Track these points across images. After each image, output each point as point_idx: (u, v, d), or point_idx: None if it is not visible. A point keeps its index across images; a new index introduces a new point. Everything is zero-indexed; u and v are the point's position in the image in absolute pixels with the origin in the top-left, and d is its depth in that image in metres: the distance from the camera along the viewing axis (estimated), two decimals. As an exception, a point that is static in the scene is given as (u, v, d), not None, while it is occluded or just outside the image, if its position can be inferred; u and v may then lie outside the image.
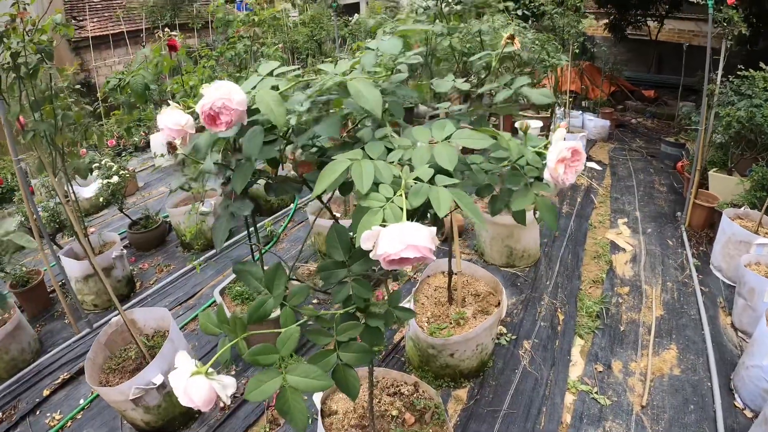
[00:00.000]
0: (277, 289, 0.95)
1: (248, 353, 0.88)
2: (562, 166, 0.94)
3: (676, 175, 6.12)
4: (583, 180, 6.07)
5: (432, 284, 3.32)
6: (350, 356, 0.98)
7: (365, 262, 0.97)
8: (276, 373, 0.86)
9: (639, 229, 4.80)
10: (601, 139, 8.04)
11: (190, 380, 0.84)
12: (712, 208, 4.48)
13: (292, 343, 0.89)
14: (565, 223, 4.86)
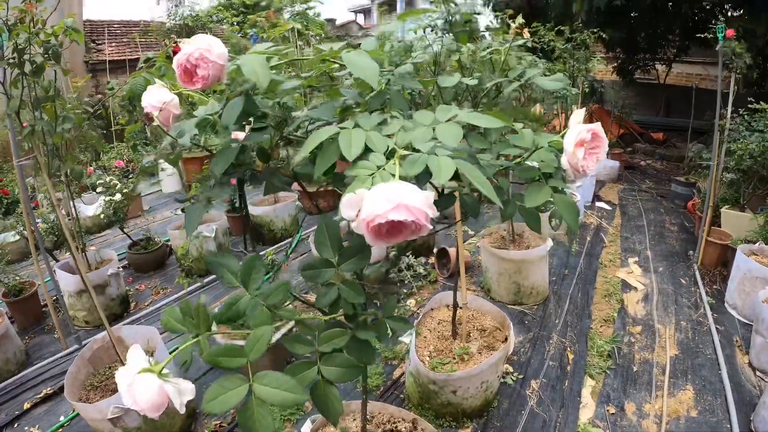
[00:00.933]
0: (253, 284, 0.83)
1: (208, 353, 0.75)
2: (582, 150, 0.84)
3: (687, 214, 6.06)
4: (592, 219, 6.01)
5: (435, 317, 3.18)
6: (333, 371, 0.84)
7: (358, 260, 0.85)
8: (242, 380, 0.73)
9: (650, 268, 4.68)
10: (611, 180, 8.03)
11: (137, 378, 0.72)
12: (726, 246, 4.41)
13: (262, 346, 0.75)
14: (575, 262, 4.74)
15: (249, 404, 0.71)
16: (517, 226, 4.21)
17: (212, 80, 0.83)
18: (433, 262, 4.56)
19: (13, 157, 2.86)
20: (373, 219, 0.63)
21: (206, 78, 0.82)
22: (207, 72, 0.81)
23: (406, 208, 0.63)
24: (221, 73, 0.84)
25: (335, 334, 0.86)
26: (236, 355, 0.76)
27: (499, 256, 3.86)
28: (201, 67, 0.82)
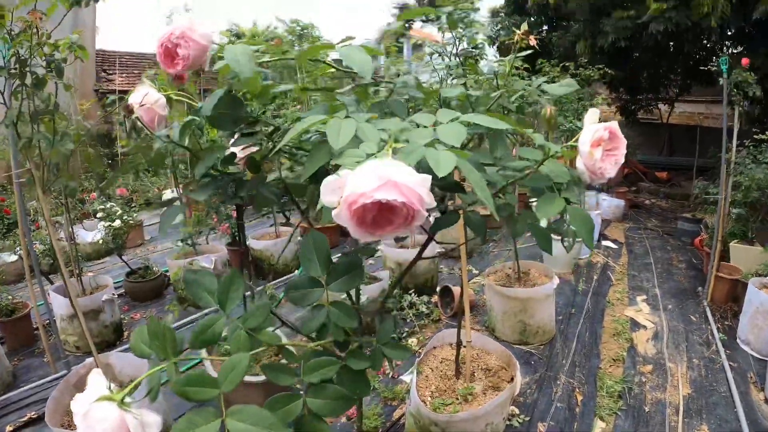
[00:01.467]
0: (231, 304, 0.73)
1: (176, 382, 0.65)
2: (599, 150, 0.75)
3: (695, 251, 6.01)
4: (599, 258, 5.94)
5: (438, 356, 3.05)
6: (321, 404, 0.72)
7: (349, 279, 0.76)
8: (214, 415, 0.63)
9: (659, 305, 4.58)
10: (616, 219, 8.01)
11: (94, 406, 0.62)
12: (736, 281, 4.33)
13: (237, 375, 0.66)
14: (582, 301, 4.64)
15: None
16: (523, 265, 4.13)
17: (193, 62, 0.77)
18: (436, 300, 4.44)
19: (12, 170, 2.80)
20: (356, 199, 0.53)
21: (187, 59, 0.76)
22: (188, 52, 0.76)
23: (397, 186, 0.53)
24: (203, 56, 0.78)
25: (323, 363, 0.76)
26: (207, 385, 0.66)
27: (504, 295, 3.76)
28: (182, 47, 0.76)
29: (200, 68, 0.79)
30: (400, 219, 0.57)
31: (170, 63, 0.78)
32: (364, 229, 0.57)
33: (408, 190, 0.54)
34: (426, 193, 0.55)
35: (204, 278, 0.75)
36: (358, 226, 0.57)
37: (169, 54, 0.77)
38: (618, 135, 0.77)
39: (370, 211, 0.56)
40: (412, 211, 0.56)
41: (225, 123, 0.88)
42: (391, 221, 0.57)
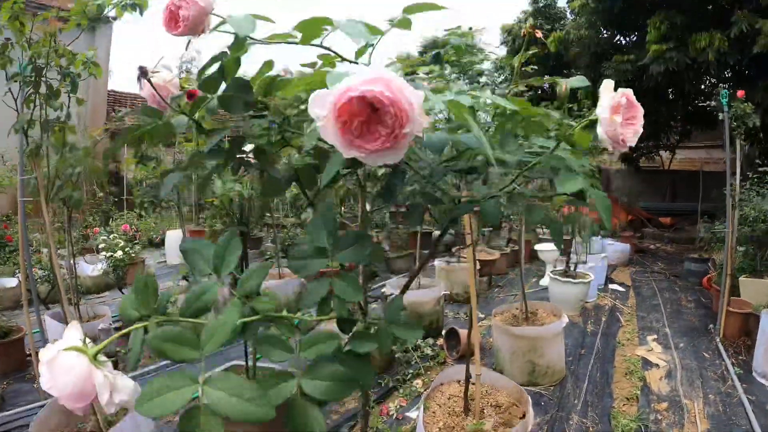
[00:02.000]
0: (226, 269, 0.67)
1: (154, 335, 0.58)
2: (619, 116, 0.73)
3: (703, 291, 5.95)
4: (606, 301, 5.86)
5: (445, 392, 2.91)
6: (318, 385, 0.64)
7: (356, 249, 0.70)
8: (191, 379, 0.56)
9: (670, 344, 4.48)
10: (622, 264, 8.00)
11: (62, 354, 0.57)
12: (748, 314, 4.28)
13: (222, 336, 0.59)
14: (591, 342, 4.52)
15: (195, 413, 0.54)
16: (531, 305, 4.05)
17: (194, 23, 0.77)
18: (441, 343, 4.32)
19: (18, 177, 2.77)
20: (343, 93, 0.49)
21: (187, 19, 0.76)
22: (188, 13, 0.76)
23: (386, 82, 0.49)
24: (204, 18, 0.78)
25: (322, 336, 0.69)
26: (188, 345, 0.59)
27: (512, 334, 3.66)
28: (183, 8, 0.76)
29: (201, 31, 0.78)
30: (387, 128, 0.52)
31: (174, 25, 0.78)
32: (349, 139, 0.53)
33: (398, 89, 0.50)
34: (419, 104, 0.51)
35: (202, 247, 0.70)
36: (343, 133, 0.53)
37: (173, 17, 0.78)
38: (635, 103, 0.75)
39: (357, 114, 0.52)
40: (400, 115, 0.51)
41: (236, 105, 0.85)
42: (376, 129, 0.53)
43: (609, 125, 0.73)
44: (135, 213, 9.28)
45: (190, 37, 0.79)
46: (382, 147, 0.54)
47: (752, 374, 3.74)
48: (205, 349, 0.59)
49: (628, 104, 0.74)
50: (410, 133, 0.53)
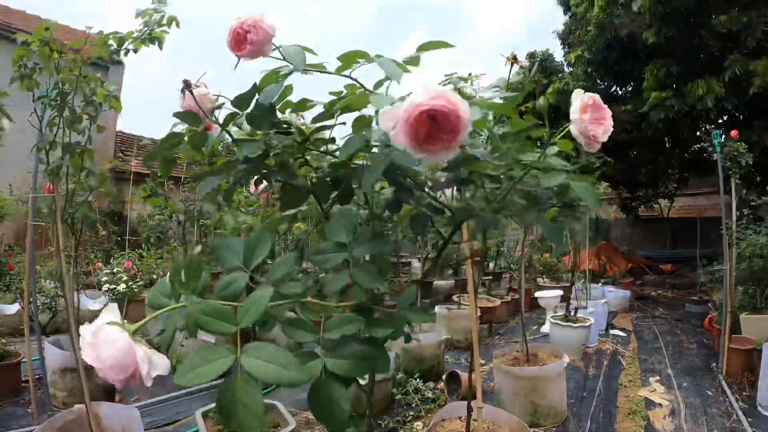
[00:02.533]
0: (255, 260, 0.73)
1: (193, 309, 0.63)
2: (587, 115, 0.84)
3: (705, 332, 5.99)
4: (607, 345, 5.86)
5: (446, 427, 2.90)
6: (341, 364, 0.69)
7: (374, 244, 0.77)
8: (227, 350, 0.61)
9: (673, 384, 4.47)
10: (623, 310, 8.02)
11: (105, 328, 0.61)
12: (750, 350, 4.32)
13: (255, 312, 0.64)
14: (593, 384, 4.50)
15: (233, 380, 0.59)
16: (531, 347, 4.06)
17: (258, 47, 0.87)
18: (441, 387, 4.30)
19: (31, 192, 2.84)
20: (413, 109, 0.60)
21: (254, 44, 0.86)
22: (257, 38, 0.86)
23: (445, 98, 0.61)
24: (267, 44, 0.88)
25: (346, 318, 0.74)
26: (225, 320, 0.64)
27: (513, 374, 3.66)
28: (252, 33, 0.86)
29: (262, 54, 0.88)
30: (447, 133, 0.65)
31: (238, 47, 0.88)
32: (418, 144, 0.65)
33: (454, 103, 0.62)
34: (468, 112, 0.64)
35: (231, 243, 0.76)
36: (414, 140, 0.65)
37: (239, 39, 0.88)
38: (601, 104, 0.86)
39: (423, 124, 0.64)
40: (459, 121, 0.64)
41: (263, 123, 0.95)
42: (440, 137, 0.65)
43: (579, 123, 0.84)
44: (136, 253, 9.33)
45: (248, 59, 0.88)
46: (442, 148, 0.67)
47: (757, 408, 3.75)
48: (242, 323, 0.64)
49: (595, 105, 0.84)
50: (463, 135, 0.66)
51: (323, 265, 0.76)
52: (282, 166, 0.97)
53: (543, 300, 6.62)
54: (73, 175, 2.80)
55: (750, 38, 6.77)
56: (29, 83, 2.71)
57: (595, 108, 0.85)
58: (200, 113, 0.89)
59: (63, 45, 2.59)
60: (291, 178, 0.96)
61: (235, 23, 0.87)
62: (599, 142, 0.86)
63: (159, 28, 2.53)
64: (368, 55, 0.92)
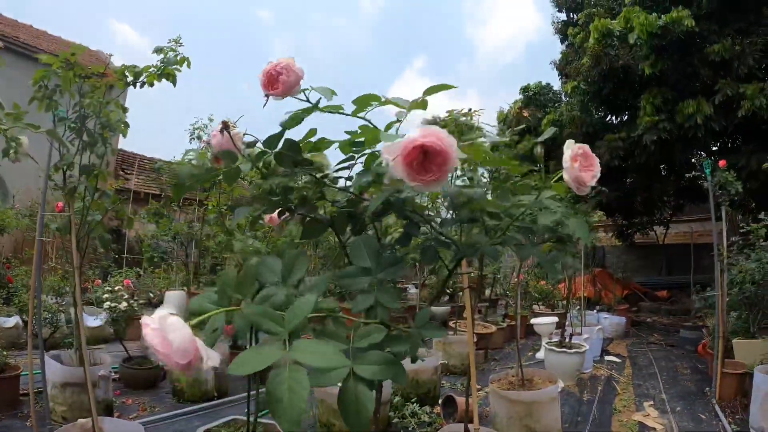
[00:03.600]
0: (293, 277, 0.84)
1: (248, 308, 0.73)
2: (578, 163, 0.94)
3: (699, 358, 6.07)
4: (602, 371, 5.91)
5: (444, 451, 2.96)
6: (369, 369, 0.77)
7: (395, 269, 0.87)
8: (279, 347, 0.70)
9: (667, 409, 4.53)
10: (618, 337, 8.07)
11: (172, 317, 0.70)
12: (743, 375, 4.40)
13: (302, 314, 0.74)
14: (587, 410, 4.55)
15: (282, 368, 0.68)
16: (527, 372, 4.11)
17: (290, 87, 0.98)
18: (438, 411, 4.34)
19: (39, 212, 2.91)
20: (408, 144, 0.72)
21: (286, 84, 0.97)
22: (288, 78, 0.97)
23: (436, 135, 0.73)
24: (297, 84, 1.00)
25: (372, 329, 0.84)
26: (276, 321, 0.74)
27: (508, 399, 3.71)
28: (284, 74, 0.98)
29: (292, 93, 1.00)
30: (437, 165, 0.76)
31: (271, 86, 1.00)
32: (413, 173, 0.77)
33: (443, 140, 0.74)
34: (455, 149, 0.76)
35: (269, 262, 0.87)
36: (408, 169, 0.76)
37: (272, 79, 1.00)
38: (590, 154, 0.98)
39: (417, 156, 0.76)
40: (446, 156, 0.75)
41: (287, 161, 1.07)
42: (430, 168, 0.76)
43: (571, 171, 0.95)
44: (134, 271, 9.36)
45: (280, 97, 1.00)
46: (433, 179, 0.78)
47: (749, 431, 3.77)
48: (290, 325, 0.74)
49: (585, 155, 0.96)
50: (450, 169, 0.77)
51: (350, 288, 0.87)
52: (303, 200, 1.09)
53: (538, 327, 6.70)
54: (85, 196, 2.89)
55: (742, 66, 7.02)
56: (49, 104, 2.81)
57: (585, 157, 0.96)
58: (235, 151, 1.00)
59: (86, 69, 2.71)
60: (312, 211, 1.07)
61: (268, 66, 0.99)
62: (588, 187, 0.97)
63: (173, 66, 2.67)
64: (380, 98, 1.03)
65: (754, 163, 7.24)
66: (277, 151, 1.05)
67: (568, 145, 0.97)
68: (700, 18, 7.28)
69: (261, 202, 1.00)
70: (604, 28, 7.78)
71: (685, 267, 11.49)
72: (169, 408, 4.22)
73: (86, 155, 2.87)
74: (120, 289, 4.86)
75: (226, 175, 0.98)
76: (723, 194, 4.46)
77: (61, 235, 3.33)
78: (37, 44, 10.75)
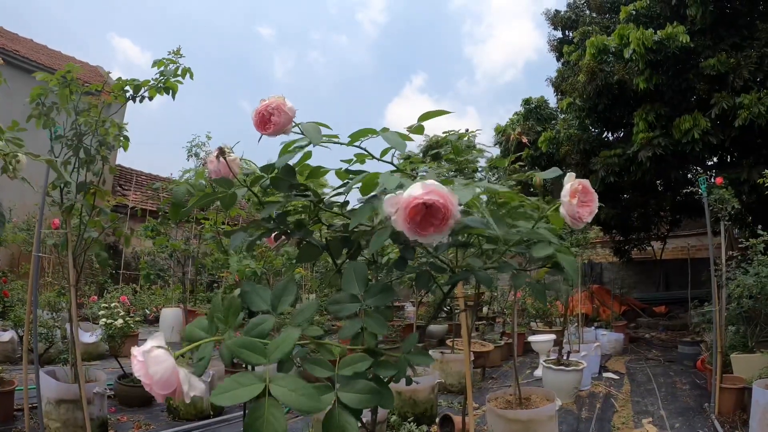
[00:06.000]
0: (282, 306, 0.85)
1: (232, 341, 0.75)
2: (576, 199, 0.95)
3: (698, 373, 6.05)
4: (600, 388, 5.89)
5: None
6: (353, 397, 0.79)
7: (383, 296, 0.88)
8: (258, 378, 0.72)
9: (666, 425, 4.50)
10: (616, 353, 8.05)
11: (154, 350, 0.73)
12: (742, 389, 4.38)
13: (286, 347, 0.76)
14: (586, 427, 4.52)
15: (261, 404, 0.70)
16: (524, 391, 4.10)
17: (281, 127, 1.01)
18: (435, 430, 4.31)
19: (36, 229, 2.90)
20: (410, 201, 0.73)
21: (277, 124, 1.00)
22: (279, 119, 1.00)
23: (438, 193, 0.75)
24: (289, 124, 1.02)
25: (357, 358, 0.85)
26: (258, 352, 0.76)
27: (506, 418, 3.69)
28: (275, 115, 1.00)
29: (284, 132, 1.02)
30: (438, 220, 0.78)
31: (263, 127, 1.03)
32: (414, 228, 0.78)
33: (445, 196, 0.76)
34: (456, 205, 0.78)
35: (259, 290, 0.88)
36: (410, 224, 0.78)
37: (264, 120, 1.02)
38: (589, 189, 0.98)
39: (419, 212, 0.77)
40: (447, 212, 0.77)
41: (283, 185, 1.09)
42: (432, 223, 0.78)
43: (568, 206, 0.95)
44: (130, 288, 9.34)
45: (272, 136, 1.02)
46: (434, 232, 0.80)
47: None
48: (271, 357, 0.76)
49: (584, 190, 0.96)
50: (452, 224, 0.80)
51: (339, 314, 0.88)
52: (299, 225, 1.11)
53: (536, 344, 6.68)
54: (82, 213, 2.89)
55: (737, 79, 7.09)
56: (46, 121, 2.83)
57: (584, 192, 0.97)
58: (231, 177, 1.02)
59: (82, 87, 2.73)
60: (307, 235, 1.08)
61: (260, 106, 1.01)
62: (584, 223, 0.98)
63: (173, 78, 2.68)
64: (375, 131, 1.06)
65: (755, 175, 7.26)
66: (273, 176, 1.07)
67: (568, 179, 0.98)
68: (695, 34, 7.38)
69: (257, 227, 1.01)
70: (600, 44, 7.87)
71: (682, 282, 11.49)
72: (164, 426, 4.21)
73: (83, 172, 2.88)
74: (116, 306, 4.84)
75: (222, 201, 1.00)
76: (722, 210, 4.48)
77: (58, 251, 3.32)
78: (36, 58, 10.85)
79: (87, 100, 2.78)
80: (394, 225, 0.77)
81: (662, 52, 7.25)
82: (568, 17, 10.91)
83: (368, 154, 1.07)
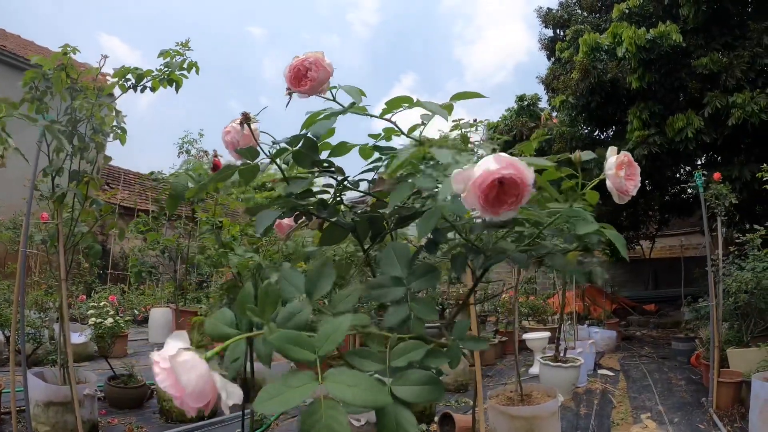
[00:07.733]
0: (319, 292, 0.76)
1: (275, 336, 0.64)
2: (623, 171, 0.91)
3: (693, 369, 6.10)
4: (596, 385, 5.88)
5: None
6: (408, 390, 0.69)
7: (429, 279, 0.81)
8: (309, 378, 0.62)
9: (665, 420, 4.49)
10: (609, 350, 8.06)
11: (183, 354, 0.60)
12: (739, 383, 4.40)
13: (336, 338, 0.65)
14: (585, 423, 4.50)
15: (317, 406, 0.60)
16: (525, 387, 4.06)
17: (319, 84, 0.92)
18: (434, 429, 4.25)
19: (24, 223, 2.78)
20: (486, 177, 0.68)
21: (314, 80, 0.91)
22: (317, 75, 0.91)
23: (515, 167, 0.69)
24: (326, 81, 0.94)
25: (410, 346, 0.75)
26: (305, 347, 0.66)
27: (508, 414, 3.66)
28: (312, 70, 0.91)
29: (320, 91, 0.93)
30: (513, 197, 0.73)
31: (297, 83, 0.93)
32: (488, 206, 0.72)
33: (521, 171, 0.70)
34: (531, 180, 0.72)
35: (292, 275, 0.79)
36: (483, 203, 0.72)
37: (299, 75, 0.93)
38: (633, 163, 0.94)
39: (493, 189, 0.71)
40: (524, 187, 0.71)
41: (305, 161, 1.01)
42: (506, 200, 0.73)
43: (615, 179, 0.91)
44: (118, 288, 9.17)
45: (306, 95, 0.94)
46: (506, 209, 0.75)
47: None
48: (321, 351, 0.65)
49: (629, 163, 0.92)
50: (526, 200, 0.74)
51: (382, 299, 0.80)
52: (322, 204, 1.02)
53: (531, 342, 6.67)
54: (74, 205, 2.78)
55: (730, 78, 7.15)
56: (39, 107, 2.70)
57: (629, 165, 0.93)
58: (256, 146, 0.93)
59: (79, 70, 2.62)
60: (333, 215, 1.00)
61: (294, 61, 0.92)
62: (629, 196, 0.93)
63: (179, 71, 2.58)
64: (412, 99, 0.98)
65: (747, 173, 7.33)
66: (296, 149, 0.98)
67: (611, 151, 0.94)
68: (687, 33, 7.42)
69: (281, 204, 0.92)
70: (593, 42, 7.88)
71: (671, 280, 11.60)
72: (156, 428, 4.11)
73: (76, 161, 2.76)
74: (105, 305, 4.71)
75: (243, 173, 0.91)
76: (718, 206, 4.49)
77: (47, 247, 3.19)
78: (24, 54, 10.64)
79: (83, 84, 2.65)
80: (464, 203, 0.70)
81: (655, 51, 7.29)
82: (560, 16, 10.94)
83: (398, 128, 0.99)
